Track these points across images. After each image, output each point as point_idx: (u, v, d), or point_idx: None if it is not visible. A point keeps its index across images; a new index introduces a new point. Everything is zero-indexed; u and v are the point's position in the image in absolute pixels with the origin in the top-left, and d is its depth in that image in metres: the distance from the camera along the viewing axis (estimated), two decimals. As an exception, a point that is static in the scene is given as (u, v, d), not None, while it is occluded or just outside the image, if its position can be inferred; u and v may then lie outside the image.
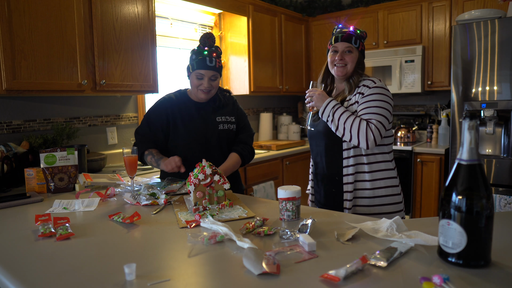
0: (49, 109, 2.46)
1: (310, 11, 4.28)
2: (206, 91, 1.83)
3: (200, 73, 1.79)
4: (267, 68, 3.70)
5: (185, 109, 1.89)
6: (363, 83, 1.66)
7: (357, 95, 1.65)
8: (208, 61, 1.78)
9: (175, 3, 3.10)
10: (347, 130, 1.58)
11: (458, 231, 0.86)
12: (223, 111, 1.93)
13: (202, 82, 1.80)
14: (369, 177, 1.63)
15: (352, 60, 1.68)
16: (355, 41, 1.69)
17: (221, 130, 1.89)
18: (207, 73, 1.79)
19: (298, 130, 4.13)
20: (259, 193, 3.10)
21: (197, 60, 1.79)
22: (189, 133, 1.86)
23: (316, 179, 1.81)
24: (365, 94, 1.62)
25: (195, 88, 1.84)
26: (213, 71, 1.80)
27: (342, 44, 1.69)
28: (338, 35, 1.70)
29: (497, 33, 2.66)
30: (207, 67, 1.78)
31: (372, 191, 1.63)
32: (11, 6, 1.89)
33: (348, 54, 1.68)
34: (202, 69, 1.78)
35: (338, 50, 1.69)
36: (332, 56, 1.71)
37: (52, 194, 1.78)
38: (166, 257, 1.01)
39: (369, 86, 1.63)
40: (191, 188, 1.42)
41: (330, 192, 1.73)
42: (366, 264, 0.88)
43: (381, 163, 1.65)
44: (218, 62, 1.81)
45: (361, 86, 1.66)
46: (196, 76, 1.81)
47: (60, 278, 0.89)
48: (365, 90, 1.63)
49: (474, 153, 0.87)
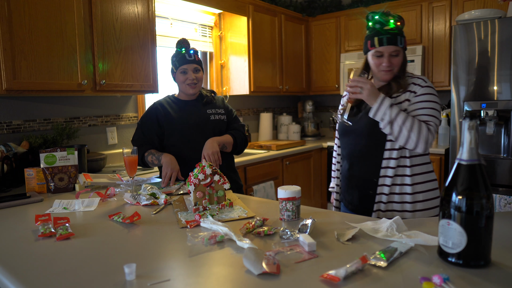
0: (49, 109, 2.46)
1: (310, 11, 4.28)
2: (193, 84, 1.97)
3: (183, 68, 1.96)
4: (267, 68, 3.70)
5: (175, 107, 2.01)
6: (412, 81, 1.55)
7: (407, 93, 1.54)
8: (187, 56, 1.96)
9: (175, 3, 3.10)
10: (404, 132, 1.44)
11: (458, 231, 0.86)
12: (212, 105, 2.06)
13: (187, 76, 1.96)
14: (410, 180, 1.53)
15: (399, 63, 1.55)
16: (401, 40, 1.52)
17: (213, 120, 2.01)
18: (189, 67, 1.96)
19: (298, 130, 4.13)
20: (259, 193, 3.10)
21: (177, 59, 1.97)
22: (183, 124, 1.95)
23: (348, 180, 1.68)
24: (418, 93, 1.52)
25: (182, 84, 1.99)
26: (194, 64, 1.97)
27: (388, 48, 1.51)
28: (382, 38, 1.51)
29: (497, 33, 2.66)
30: (188, 61, 1.95)
31: (413, 195, 1.53)
32: (11, 6, 1.89)
33: (395, 58, 1.54)
34: (184, 64, 1.95)
35: (383, 54, 1.53)
36: (377, 61, 1.55)
37: (52, 194, 1.78)
38: (166, 257, 1.01)
39: (421, 85, 1.53)
40: (191, 188, 1.42)
41: (367, 194, 1.60)
42: (366, 264, 0.88)
43: (422, 166, 1.56)
44: (196, 56, 1.99)
45: (411, 84, 1.55)
46: (181, 73, 1.97)
47: (60, 278, 0.89)
48: (418, 89, 1.53)
49: (474, 153, 0.87)
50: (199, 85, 2.01)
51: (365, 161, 1.60)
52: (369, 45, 1.56)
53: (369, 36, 1.56)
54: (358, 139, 1.61)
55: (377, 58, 1.55)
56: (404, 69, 1.58)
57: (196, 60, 1.97)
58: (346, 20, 3.94)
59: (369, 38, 1.56)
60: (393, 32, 1.51)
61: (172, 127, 1.95)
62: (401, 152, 1.53)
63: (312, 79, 4.27)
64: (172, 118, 1.96)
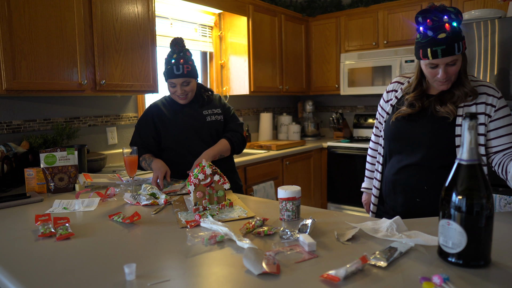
0: (49, 109, 2.46)
1: (310, 11, 4.28)
2: (182, 97, 1.92)
3: (171, 82, 1.89)
4: (267, 68, 3.70)
5: (171, 109, 1.99)
6: (484, 91, 1.39)
7: (483, 105, 1.37)
8: (175, 69, 1.85)
9: (175, 3, 3.10)
10: None
11: (458, 231, 0.86)
12: (208, 106, 2.02)
13: (176, 89, 1.90)
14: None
15: (456, 71, 1.35)
16: (458, 47, 1.30)
17: (209, 122, 1.98)
18: (177, 81, 1.88)
19: (298, 130, 4.13)
20: (259, 193, 3.10)
21: (166, 70, 1.89)
22: (179, 127, 1.94)
23: (393, 184, 1.55)
24: (497, 106, 1.37)
25: (173, 95, 1.95)
26: (182, 78, 1.86)
27: (444, 60, 1.31)
28: (437, 50, 1.29)
29: (497, 33, 2.66)
30: (175, 76, 1.86)
31: None
32: (11, 6, 1.89)
33: (452, 67, 1.33)
34: (171, 78, 1.88)
35: (438, 65, 1.33)
36: (431, 71, 1.36)
37: (52, 194, 1.78)
38: (166, 257, 1.01)
39: (496, 97, 1.38)
40: (191, 188, 1.42)
41: (414, 202, 1.48)
42: (366, 264, 0.88)
43: None
44: (186, 68, 1.86)
45: (483, 94, 1.38)
46: (169, 85, 1.92)
47: (60, 278, 0.89)
48: (495, 102, 1.37)
49: (474, 153, 0.87)
50: (191, 95, 1.95)
51: (419, 171, 1.46)
52: (422, 55, 1.35)
53: (421, 44, 1.34)
54: (415, 146, 1.46)
55: (431, 69, 1.36)
56: (465, 71, 1.39)
57: (184, 73, 1.85)
58: (346, 20, 3.94)
59: (421, 47, 1.34)
60: (449, 38, 1.28)
61: (168, 129, 1.95)
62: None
63: (312, 79, 4.27)
64: (168, 120, 1.95)
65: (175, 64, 1.85)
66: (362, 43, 3.86)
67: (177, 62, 1.85)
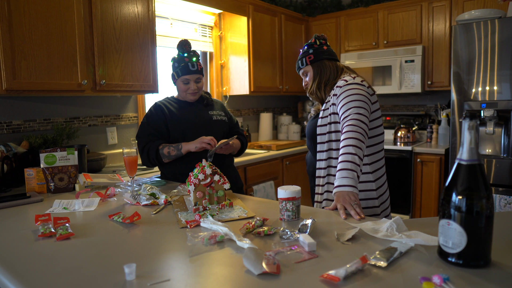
0: (49, 109, 2.46)
1: (310, 11, 4.28)
2: (194, 93, 1.98)
3: (186, 78, 1.95)
4: (267, 68, 3.70)
5: (178, 107, 2.01)
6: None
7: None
8: (191, 66, 1.94)
9: (175, 3, 3.10)
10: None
11: (458, 231, 0.86)
12: (213, 108, 2.08)
13: (189, 86, 1.96)
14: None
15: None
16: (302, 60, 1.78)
17: (216, 121, 2.03)
18: (192, 77, 1.95)
19: (298, 130, 4.13)
20: (259, 193, 3.10)
21: (180, 67, 1.94)
22: (187, 122, 1.96)
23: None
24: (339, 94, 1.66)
25: (183, 92, 1.99)
26: (196, 74, 1.95)
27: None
28: None
29: (497, 33, 2.66)
30: (191, 72, 1.94)
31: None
32: (11, 6, 1.89)
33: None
34: (186, 74, 1.94)
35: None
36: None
37: (52, 194, 1.78)
38: (166, 257, 1.01)
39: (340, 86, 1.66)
40: (191, 188, 1.42)
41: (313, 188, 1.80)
42: (366, 264, 0.88)
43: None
44: (199, 65, 1.97)
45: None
46: (182, 82, 1.96)
47: (60, 278, 0.89)
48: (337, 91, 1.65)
49: (474, 153, 0.87)
50: (200, 93, 2.02)
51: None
52: None
53: None
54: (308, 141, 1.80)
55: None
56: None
57: (198, 70, 1.96)
58: (346, 20, 3.94)
59: None
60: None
61: (177, 125, 1.95)
62: (328, 145, 1.63)
63: (312, 79, 4.27)
64: (176, 116, 1.97)
65: (189, 61, 1.93)
66: (362, 43, 3.86)
67: (191, 59, 1.94)
